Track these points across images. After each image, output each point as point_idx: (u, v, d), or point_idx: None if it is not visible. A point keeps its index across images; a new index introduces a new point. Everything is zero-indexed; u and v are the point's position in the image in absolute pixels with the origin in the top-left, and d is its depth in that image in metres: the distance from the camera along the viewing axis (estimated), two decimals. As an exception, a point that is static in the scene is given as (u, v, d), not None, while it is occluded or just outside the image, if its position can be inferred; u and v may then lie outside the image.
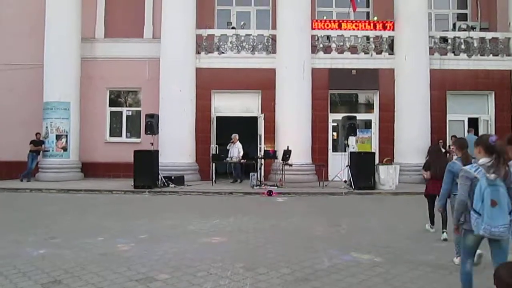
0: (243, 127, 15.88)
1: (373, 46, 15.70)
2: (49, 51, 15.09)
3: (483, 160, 3.54)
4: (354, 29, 15.84)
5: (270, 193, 11.99)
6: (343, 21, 16.15)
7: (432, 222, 6.98)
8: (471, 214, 3.47)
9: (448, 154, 14.72)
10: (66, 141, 15.19)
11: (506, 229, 3.30)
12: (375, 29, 15.84)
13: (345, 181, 13.47)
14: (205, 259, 5.25)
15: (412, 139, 14.79)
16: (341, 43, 15.73)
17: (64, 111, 15.11)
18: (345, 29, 15.81)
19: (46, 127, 15.11)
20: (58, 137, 15.10)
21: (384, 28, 15.77)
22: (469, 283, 3.64)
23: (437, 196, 5.52)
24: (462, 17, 17.76)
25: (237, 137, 14.96)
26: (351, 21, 16.18)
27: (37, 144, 14.87)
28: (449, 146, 14.79)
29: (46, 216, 8.63)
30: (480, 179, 3.41)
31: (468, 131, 14.70)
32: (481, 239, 3.54)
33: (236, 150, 14.73)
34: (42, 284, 4.36)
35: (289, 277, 4.63)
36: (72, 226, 7.49)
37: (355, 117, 14.03)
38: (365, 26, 15.98)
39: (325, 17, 16.63)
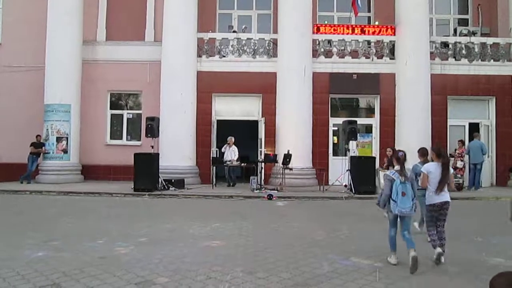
0: (244, 130, 15.88)
1: (374, 51, 15.72)
2: (50, 54, 15.12)
3: (397, 167, 5.51)
4: (355, 34, 15.88)
5: (270, 197, 11.97)
6: (344, 25, 16.19)
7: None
8: (390, 202, 5.39)
9: (453, 158, 14.77)
10: (67, 144, 15.19)
11: (410, 209, 5.28)
12: (376, 34, 15.88)
13: (346, 186, 13.44)
14: (205, 263, 5.23)
15: (413, 144, 14.65)
16: (342, 48, 15.75)
17: (64, 113, 15.12)
18: (346, 34, 15.85)
19: (47, 129, 15.11)
20: (59, 140, 15.10)
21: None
22: (393, 242, 5.42)
23: None
24: (463, 22, 17.81)
25: (233, 139, 14.93)
26: (353, 25, 16.22)
27: (38, 146, 14.86)
28: (455, 150, 14.78)
29: (45, 218, 8.61)
30: (396, 180, 5.37)
31: (474, 136, 14.68)
32: (397, 216, 5.39)
33: (232, 153, 14.69)
34: (41, 286, 4.34)
35: (289, 281, 4.61)
36: (72, 228, 7.47)
37: (356, 121, 14.02)
38: (367, 31, 16.02)
39: (326, 22, 16.67)
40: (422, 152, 6.80)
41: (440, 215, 5.66)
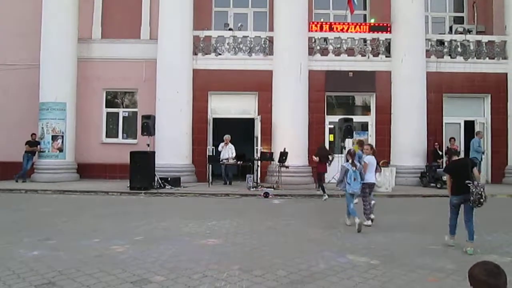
0: (240, 128, 15.87)
1: (370, 49, 15.73)
2: (45, 51, 15.03)
3: (350, 160, 7.73)
4: (351, 31, 15.89)
5: (266, 195, 11.97)
6: (340, 23, 16.20)
7: (324, 191, 11.77)
8: (346, 184, 7.61)
9: (446, 155, 14.85)
10: (62, 142, 15.12)
11: (358, 189, 7.64)
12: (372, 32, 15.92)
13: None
14: (201, 261, 5.22)
15: (409, 141, 14.84)
16: (338, 45, 15.75)
17: (60, 111, 15.04)
18: (342, 31, 15.86)
19: (42, 127, 15.04)
20: (54, 138, 15.03)
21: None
22: (353, 212, 7.52)
23: (322, 173, 12.25)
24: (458, 20, 17.84)
25: (230, 138, 14.90)
26: (348, 23, 16.23)
27: (33, 145, 14.79)
28: (447, 147, 14.85)
29: (41, 217, 8.58)
30: (349, 169, 7.59)
31: (476, 134, 14.81)
32: (351, 195, 7.63)
33: (229, 151, 14.65)
34: (36, 285, 4.33)
35: (285, 279, 4.62)
36: (67, 227, 7.45)
37: (352, 119, 14.06)
38: (362, 28, 16.04)
39: (322, 19, 16.66)
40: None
41: (370, 191, 8.22)
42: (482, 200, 5.76)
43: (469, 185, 5.82)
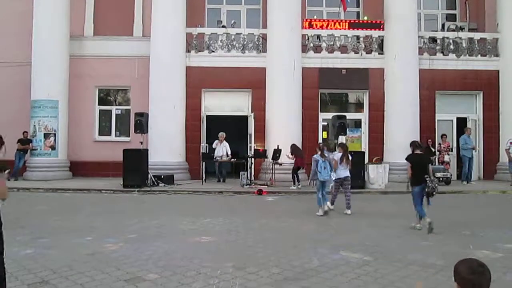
0: (233, 126, 15.86)
1: (363, 46, 15.76)
2: (37, 49, 14.90)
3: (319, 153, 8.72)
4: (330, 28, 15.89)
5: (260, 192, 11.98)
6: (333, 20, 16.22)
7: (294, 182, 12.94)
8: (317, 173, 8.53)
9: (438, 152, 14.95)
10: (55, 140, 15.02)
11: (328, 177, 8.55)
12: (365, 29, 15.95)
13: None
14: (195, 259, 5.23)
15: (401, 138, 14.80)
16: (331, 43, 15.76)
17: (52, 109, 14.94)
18: (335, 29, 15.88)
19: (34, 125, 14.92)
20: (46, 136, 14.93)
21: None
22: (319, 201, 8.55)
23: (300, 167, 13.17)
24: (451, 18, 17.92)
25: (224, 135, 14.88)
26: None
27: (25, 143, 14.69)
28: (439, 144, 14.95)
29: (33, 215, 8.53)
30: (319, 160, 8.56)
31: (465, 131, 14.94)
32: (322, 182, 8.52)
33: (224, 149, 14.63)
34: (29, 284, 4.31)
35: (279, 276, 4.63)
36: (60, 225, 7.41)
37: (345, 116, 14.06)
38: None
39: (315, 17, 16.66)
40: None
41: (343, 184, 8.95)
42: (433, 193, 7.00)
43: (426, 179, 7.01)
